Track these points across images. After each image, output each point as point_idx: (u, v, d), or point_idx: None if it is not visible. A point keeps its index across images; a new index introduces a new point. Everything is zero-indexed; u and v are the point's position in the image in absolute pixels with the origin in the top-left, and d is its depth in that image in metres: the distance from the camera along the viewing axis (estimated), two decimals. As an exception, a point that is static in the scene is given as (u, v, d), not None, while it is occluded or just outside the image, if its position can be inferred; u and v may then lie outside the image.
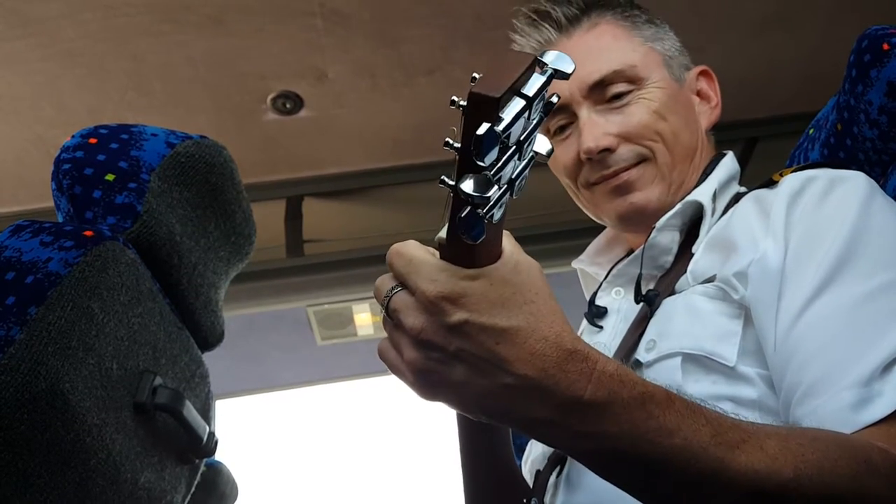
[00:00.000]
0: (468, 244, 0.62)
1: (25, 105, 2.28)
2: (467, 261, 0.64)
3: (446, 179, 0.59)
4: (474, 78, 0.56)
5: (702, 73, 1.19)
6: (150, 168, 1.03)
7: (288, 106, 2.39)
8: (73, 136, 1.04)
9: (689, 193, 1.07)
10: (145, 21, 2.12)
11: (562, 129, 1.13)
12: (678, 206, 1.05)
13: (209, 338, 1.16)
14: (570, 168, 1.12)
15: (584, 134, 1.08)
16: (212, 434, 1.10)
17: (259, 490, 3.35)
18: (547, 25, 1.13)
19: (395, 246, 0.67)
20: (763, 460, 0.68)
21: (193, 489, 1.13)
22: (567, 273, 1.60)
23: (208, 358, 1.17)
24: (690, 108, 1.15)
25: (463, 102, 0.56)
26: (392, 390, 3.37)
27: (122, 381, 0.93)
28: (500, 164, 0.58)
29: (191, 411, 1.03)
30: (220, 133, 1.54)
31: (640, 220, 1.09)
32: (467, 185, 0.57)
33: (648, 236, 1.05)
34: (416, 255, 0.66)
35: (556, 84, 1.22)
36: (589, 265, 1.20)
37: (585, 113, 1.09)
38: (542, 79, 0.57)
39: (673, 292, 1.00)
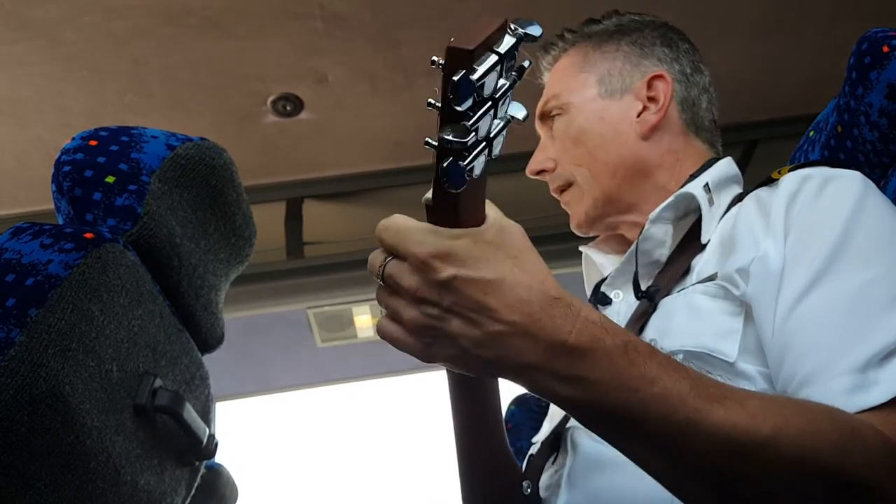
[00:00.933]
0: (453, 204, 0.68)
1: (26, 107, 2.28)
2: (452, 221, 0.69)
3: (430, 140, 0.64)
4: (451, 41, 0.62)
5: (654, 77, 1.20)
6: (151, 170, 1.03)
7: (288, 108, 2.39)
8: (73, 139, 1.04)
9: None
10: (145, 24, 2.12)
11: None
12: (670, 198, 1.07)
13: (209, 340, 1.16)
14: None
15: (532, 158, 1.23)
16: (212, 436, 1.10)
17: (259, 492, 3.35)
18: (540, 73, 1.29)
19: (382, 222, 0.71)
20: (742, 416, 0.69)
21: (193, 491, 1.13)
22: (566, 275, 1.60)
23: (208, 360, 1.17)
24: (621, 122, 1.18)
25: (442, 61, 0.62)
26: (392, 393, 3.38)
27: (122, 383, 0.93)
28: (476, 116, 0.64)
29: (191, 413, 1.03)
30: (221, 135, 1.54)
31: (591, 230, 1.21)
32: (447, 132, 0.63)
33: (642, 230, 1.07)
34: (402, 224, 0.70)
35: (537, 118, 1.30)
36: (595, 253, 1.23)
37: (541, 138, 1.24)
38: (513, 40, 0.64)
39: (672, 291, 1.01)
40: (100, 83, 2.25)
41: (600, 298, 1.12)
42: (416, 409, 3.39)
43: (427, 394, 3.18)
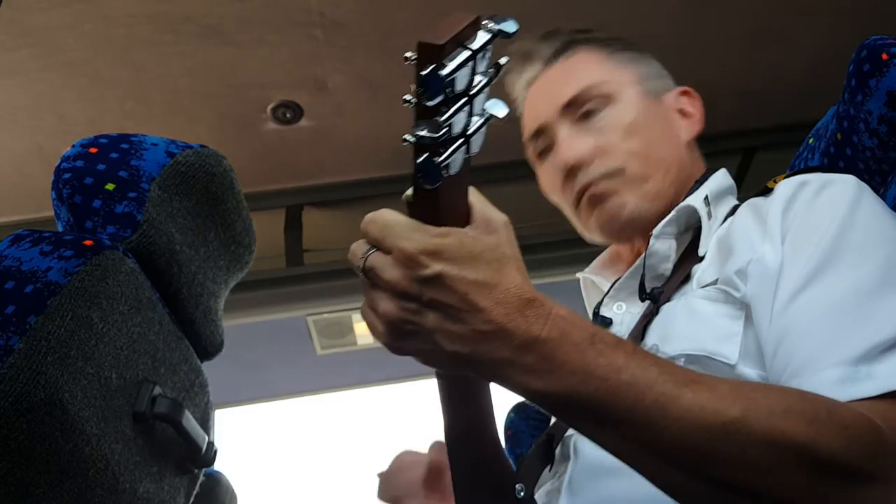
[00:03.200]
0: (432, 200, 0.69)
1: (25, 115, 2.28)
2: (433, 217, 0.71)
3: (407, 136, 0.65)
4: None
5: (683, 92, 1.24)
6: (151, 177, 1.03)
7: (288, 115, 2.39)
8: (73, 146, 1.04)
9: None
10: (146, 31, 2.12)
11: (546, 151, 1.20)
12: (672, 213, 1.07)
13: (209, 347, 1.16)
14: (559, 187, 1.19)
15: (560, 149, 1.16)
16: (211, 444, 1.10)
17: (258, 500, 3.34)
18: (534, 61, 1.23)
19: (369, 215, 0.72)
20: (710, 398, 0.70)
21: (192, 499, 1.13)
22: (565, 283, 1.60)
23: (208, 367, 1.17)
24: (666, 123, 1.20)
25: (415, 56, 0.63)
26: (391, 400, 3.37)
27: (121, 390, 0.93)
28: (450, 112, 0.64)
29: (190, 421, 1.03)
30: (221, 142, 1.54)
31: (621, 229, 1.14)
32: (419, 128, 0.64)
33: (647, 245, 1.07)
34: (390, 219, 0.71)
35: (537, 108, 1.30)
36: (593, 275, 1.22)
37: (562, 130, 1.17)
38: (487, 36, 0.64)
39: (672, 297, 1.01)
40: (100, 90, 2.25)
41: (600, 322, 1.11)
42: (416, 416, 3.38)
43: (426, 401, 3.17)
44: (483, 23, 0.65)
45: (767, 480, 0.70)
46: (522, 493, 0.93)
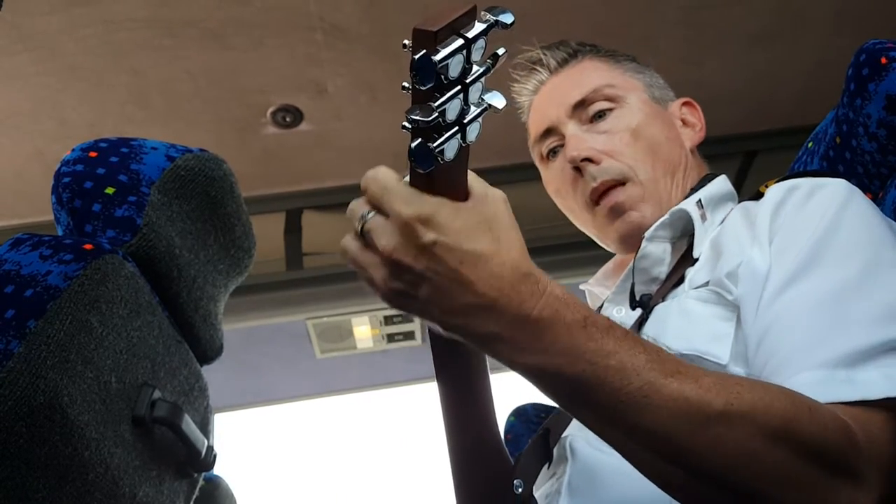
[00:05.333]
0: (427, 186, 0.69)
1: (26, 119, 2.29)
2: None
3: (405, 123, 0.66)
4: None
5: (685, 103, 1.26)
6: (150, 181, 1.03)
7: (288, 119, 2.40)
8: (73, 150, 1.04)
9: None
10: (146, 36, 2.13)
11: (553, 152, 1.21)
12: (666, 216, 1.08)
13: (208, 351, 1.16)
14: (569, 187, 1.19)
15: (568, 145, 1.17)
16: (210, 448, 1.09)
17: (258, 504, 3.34)
18: (540, 69, 1.25)
19: (370, 172, 0.72)
20: (695, 390, 0.71)
21: (192, 503, 1.13)
22: (569, 286, 1.60)
23: (207, 371, 1.17)
24: (671, 127, 1.22)
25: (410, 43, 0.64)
26: (391, 403, 3.37)
27: (120, 394, 0.93)
28: (444, 99, 0.65)
29: (189, 425, 1.03)
30: (220, 146, 1.54)
31: (630, 240, 1.14)
32: (412, 112, 0.65)
33: (639, 248, 1.07)
34: (390, 180, 0.71)
35: (545, 110, 1.29)
36: (597, 286, 1.23)
37: (570, 129, 1.18)
38: (483, 25, 0.65)
39: (665, 298, 1.02)
40: (100, 94, 2.25)
41: None
42: (415, 419, 3.38)
43: (426, 405, 3.17)
44: (480, 13, 0.66)
45: (746, 473, 0.71)
46: (521, 490, 0.92)
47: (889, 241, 0.91)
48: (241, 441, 3.35)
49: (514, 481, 0.94)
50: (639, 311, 1.05)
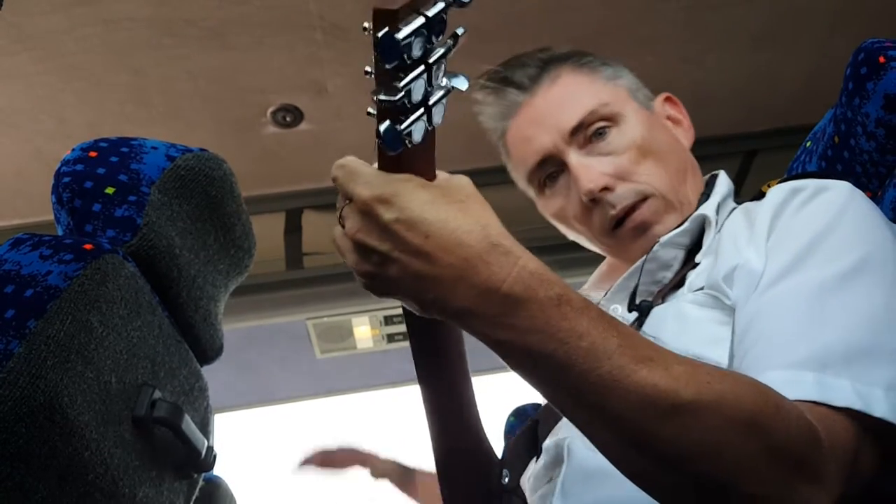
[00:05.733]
0: (395, 169, 0.69)
1: (25, 118, 2.29)
2: None
3: (370, 109, 0.67)
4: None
5: (666, 98, 1.23)
6: (151, 181, 1.03)
7: (288, 119, 2.39)
8: (73, 150, 1.04)
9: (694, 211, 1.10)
10: (146, 35, 2.13)
11: (552, 178, 1.17)
12: (686, 223, 1.07)
13: (208, 351, 1.16)
14: (580, 216, 1.15)
15: (580, 177, 1.12)
16: (210, 448, 1.09)
17: (258, 504, 3.34)
18: (510, 89, 1.17)
19: (339, 161, 0.73)
20: (664, 378, 0.70)
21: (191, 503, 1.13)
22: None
23: (207, 371, 1.17)
24: (667, 131, 1.20)
25: (371, 25, 0.64)
26: (391, 404, 3.37)
27: (120, 394, 0.93)
28: (409, 78, 0.65)
29: (189, 425, 1.03)
30: (220, 146, 1.54)
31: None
32: (378, 91, 0.66)
33: (651, 248, 1.06)
34: (354, 165, 0.72)
35: (534, 136, 1.25)
36: (592, 291, 1.22)
37: (574, 157, 1.13)
38: (441, 4, 0.65)
39: (664, 300, 1.02)
40: (100, 94, 2.25)
41: None
42: (416, 420, 3.38)
43: (426, 405, 3.17)
44: None
45: (709, 463, 0.71)
46: (507, 479, 0.92)
47: (884, 243, 0.90)
48: (241, 441, 3.35)
49: (503, 471, 0.94)
50: (635, 314, 1.04)
